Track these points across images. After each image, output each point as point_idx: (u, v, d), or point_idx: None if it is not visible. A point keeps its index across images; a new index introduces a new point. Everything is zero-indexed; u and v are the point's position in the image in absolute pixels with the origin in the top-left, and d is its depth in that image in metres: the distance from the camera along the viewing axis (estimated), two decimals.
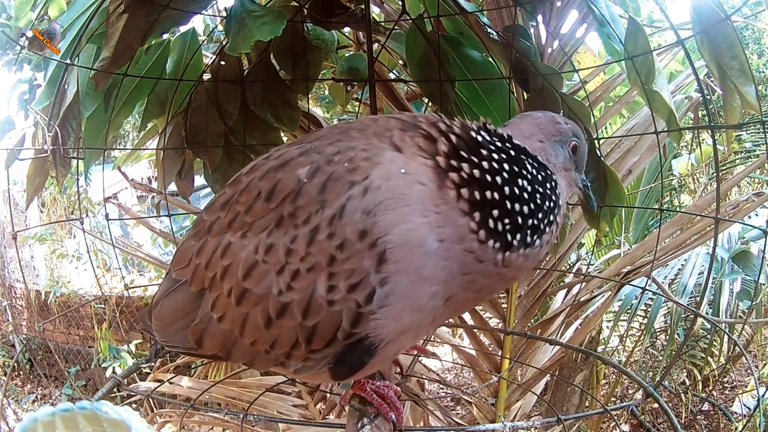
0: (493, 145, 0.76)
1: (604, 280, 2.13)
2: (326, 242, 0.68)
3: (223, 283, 0.77)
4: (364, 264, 0.67)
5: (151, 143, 2.17)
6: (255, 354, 0.79)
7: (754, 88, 1.06)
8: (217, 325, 0.79)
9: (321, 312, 0.70)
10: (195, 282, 0.82)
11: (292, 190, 0.72)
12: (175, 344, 0.89)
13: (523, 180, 0.75)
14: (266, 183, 0.75)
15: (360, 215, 0.67)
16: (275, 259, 0.72)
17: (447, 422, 2.01)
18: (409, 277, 0.69)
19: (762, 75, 5.98)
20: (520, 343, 2.10)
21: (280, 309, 0.72)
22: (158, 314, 0.91)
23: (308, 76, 1.60)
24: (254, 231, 0.74)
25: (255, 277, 0.73)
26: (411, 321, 0.72)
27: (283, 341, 0.74)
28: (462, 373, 5.05)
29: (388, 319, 0.70)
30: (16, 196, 5.27)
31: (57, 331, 5.76)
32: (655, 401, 1.18)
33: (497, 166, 0.74)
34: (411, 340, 0.78)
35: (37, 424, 0.71)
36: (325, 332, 0.71)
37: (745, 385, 4.37)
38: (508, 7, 1.61)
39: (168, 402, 1.94)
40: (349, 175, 0.69)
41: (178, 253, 0.89)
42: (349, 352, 0.73)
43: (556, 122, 0.87)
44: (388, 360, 0.79)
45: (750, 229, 2.82)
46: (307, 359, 0.76)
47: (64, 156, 1.30)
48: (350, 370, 0.76)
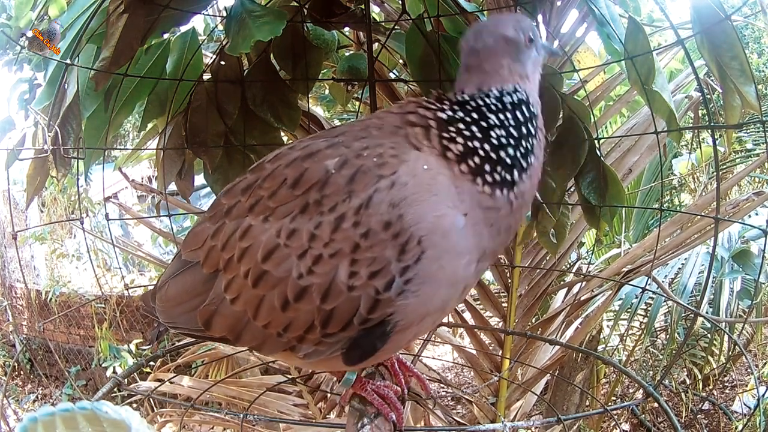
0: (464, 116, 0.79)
1: (604, 279, 2.13)
2: (351, 230, 0.71)
3: (240, 264, 0.78)
4: (387, 253, 0.71)
5: (151, 143, 2.16)
6: (266, 337, 0.80)
7: (754, 87, 1.06)
8: (229, 306, 0.81)
9: (341, 297, 0.72)
10: (208, 263, 0.84)
11: (320, 180, 0.75)
12: (181, 326, 0.90)
13: (494, 130, 0.77)
14: (293, 171, 0.78)
15: (386, 207, 0.71)
16: (298, 243, 0.74)
17: (447, 422, 2.01)
18: (441, 259, 0.72)
19: (762, 75, 5.98)
20: (521, 343, 2.10)
21: (299, 292, 0.74)
22: (164, 295, 0.91)
23: (308, 76, 1.60)
24: (277, 216, 0.77)
25: (275, 260, 0.75)
26: (442, 298, 0.76)
27: (299, 324, 0.76)
28: (462, 373, 5.05)
29: (413, 303, 0.73)
30: (16, 196, 5.27)
31: (57, 331, 5.76)
32: (656, 401, 1.18)
33: (475, 130, 0.77)
34: (432, 322, 0.80)
35: (37, 424, 0.71)
36: (342, 316, 0.73)
37: (745, 385, 4.37)
38: (508, 7, 1.61)
39: (168, 402, 1.95)
40: (378, 169, 0.73)
41: (191, 235, 0.90)
42: (363, 337, 0.75)
43: (505, 33, 0.82)
44: (399, 347, 0.81)
45: (750, 229, 2.81)
46: (320, 343, 0.77)
47: (64, 156, 1.30)
48: (362, 355, 0.77)
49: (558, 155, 1.43)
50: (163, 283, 0.93)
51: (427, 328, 0.82)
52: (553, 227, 1.55)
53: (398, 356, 1.03)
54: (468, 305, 2.18)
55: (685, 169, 3.95)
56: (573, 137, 1.39)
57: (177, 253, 0.95)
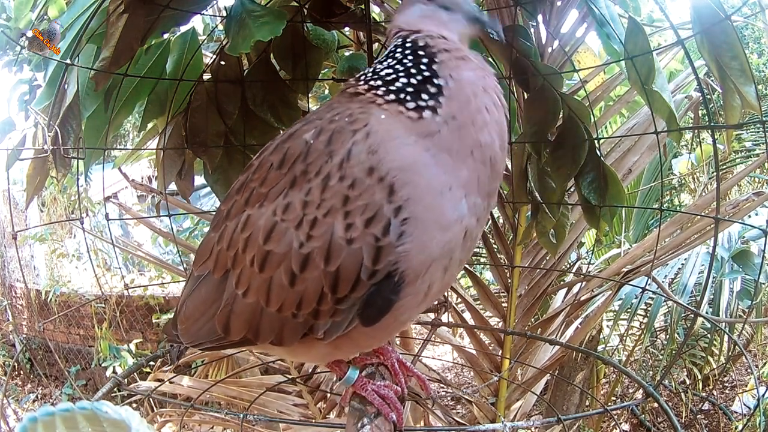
0: (374, 69, 0.84)
1: (604, 279, 2.13)
2: (338, 185, 0.73)
3: (246, 254, 0.79)
4: (376, 197, 0.71)
5: (151, 143, 2.16)
6: (283, 323, 0.80)
7: (754, 87, 1.06)
8: (242, 301, 0.81)
9: (342, 253, 0.73)
10: (218, 268, 0.85)
11: (301, 152, 0.77)
12: (203, 340, 0.90)
13: (391, 68, 0.82)
14: (276, 155, 0.80)
15: (366, 155, 0.73)
16: (293, 215, 0.75)
17: (447, 422, 2.01)
18: (424, 199, 0.73)
19: (762, 75, 5.98)
20: (521, 343, 2.10)
21: (302, 261, 0.75)
22: (183, 316, 0.92)
23: (308, 76, 1.60)
24: (270, 198, 0.78)
25: (275, 237, 0.76)
26: (440, 245, 0.74)
27: (309, 296, 0.76)
28: (462, 373, 5.05)
29: (414, 248, 0.72)
30: (16, 196, 5.27)
31: (57, 331, 5.76)
32: (655, 401, 1.18)
33: (383, 74, 0.82)
34: (442, 272, 0.78)
35: (37, 424, 0.71)
36: (348, 274, 0.73)
37: (745, 385, 4.37)
38: (508, 7, 1.61)
39: (168, 402, 1.95)
40: (351, 125, 0.76)
41: (199, 251, 0.91)
42: (375, 293, 0.74)
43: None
44: (419, 302, 0.79)
45: (750, 229, 2.81)
46: (336, 313, 0.76)
47: (64, 156, 1.30)
48: (379, 312, 0.76)
49: (558, 155, 1.43)
50: (181, 305, 0.94)
51: (441, 280, 0.79)
52: (552, 227, 1.55)
53: (398, 356, 1.03)
54: (468, 305, 2.18)
55: (685, 169, 3.95)
56: (573, 137, 1.39)
57: (189, 275, 0.96)
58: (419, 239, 0.73)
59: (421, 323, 2.04)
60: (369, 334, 0.81)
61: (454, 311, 2.19)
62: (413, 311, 0.81)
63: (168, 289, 5.24)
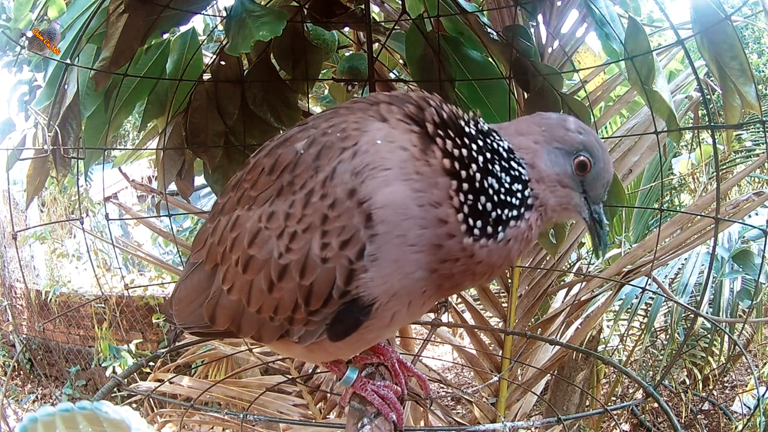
0: (477, 136, 0.77)
1: (604, 279, 2.13)
2: (319, 203, 0.72)
3: (232, 254, 0.81)
4: (354, 221, 0.71)
5: (151, 143, 2.16)
6: (261, 323, 0.82)
7: (754, 87, 1.06)
8: (227, 296, 0.83)
9: (316, 270, 0.73)
10: (209, 260, 0.87)
11: (291, 161, 0.77)
12: (192, 325, 0.93)
13: (493, 176, 0.75)
14: (269, 159, 0.80)
15: (349, 176, 0.71)
16: (276, 224, 0.76)
17: (447, 422, 2.01)
18: (394, 239, 0.71)
19: (762, 75, 5.99)
20: (521, 343, 2.10)
21: (280, 271, 0.76)
22: (177, 298, 0.95)
23: (308, 76, 1.60)
24: (258, 203, 0.79)
25: (258, 243, 0.77)
26: (400, 285, 0.74)
27: (285, 304, 0.77)
28: (462, 373, 5.05)
29: (377, 278, 0.72)
30: (16, 196, 5.27)
31: (57, 331, 5.76)
32: (655, 401, 1.18)
33: (476, 154, 0.75)
34: (405, 306, 0.78)
35: (37, 424, 0.71)
36: (321, 290, 0.74)
37: (745, 385, 4.37)
38: (508, 7, 1.61)
39: (168, 402, 1.95)
40: (341, 142, 0.74)
41: (195, 239, 0.94)
42: (345, 311, 0.75)
43: (566, 128, 0.80)
44: (384, 325, 0.79)
45: (750, 229, 2.81)
46: (308, 323, 0.78)
47: (64, 156, 1.30)
48: (346, 330, 0.77)
49: None
50: (176, 287, 0.97)
51: (406, 312, 0.79)
52: (552, 227, 1.55)
53: (398, 356, 1.03)
54: (468, 305, 2.18)
55: (685, 169, 3.95)
56: None
57: (188, 259, 0.99)
58: (383, 272, 0.72)
59: (421, 323, 2.04)
60: (338, 346, 0.83)
61: (454, 311, 2.20)
62: (379, 333, 0.82)
63: (168, 290, 5.24)
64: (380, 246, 0.71)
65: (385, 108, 0.79)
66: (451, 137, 0.75)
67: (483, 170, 0.75)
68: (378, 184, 0.71)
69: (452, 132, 0.76)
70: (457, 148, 0.74)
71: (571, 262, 2.97)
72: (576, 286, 2.30)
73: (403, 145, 0.74)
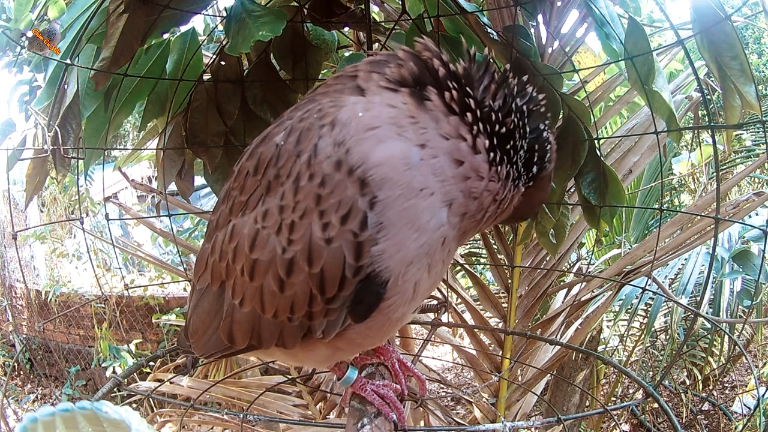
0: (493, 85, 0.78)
1: (604, 280, 2.13)
2: (309, 184, 0.70)
3: (236, 264, 0.79)
4: (348, 192, 0.68)
5: (151, 143, 2.16)
6: (281, 327, 0.79)
7: (754, 88, 1.06)
8: (240, 310, 0.81)
9: (323, 253, 0.71)
10: (215, 279, 0.84)
11: (273, 155, 0.76)
12: (214, 351, 0.90)
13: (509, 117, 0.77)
14: (251, 161, 0.79)
15: (332, 149, 0.70)
16: (272, 221, 0.74)
17: (447, 422, 2.01)
18: (399, 197, 0.69)
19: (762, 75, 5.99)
20: (521, 343, 2.10)
21: (288, 266, 0.73)
22: (192, 330, 0.92)
23: (308, 76, 1.60)
24: (250, 206, 0.77)
25: (259, 245, 0.75)
26: (416, 246, 0.72)
27: (300, 300, 0.75)
28: (462, 373, 5.05)
29: (389, 247, 0.70)
30: (16, 196, 5.27)
31: (57, 331, 5.76)
32: (656, 401, 1.18)
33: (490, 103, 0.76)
34: (425, 270, 0.76)
35: (37, 424, 0.71)
36: (333, 273, 0.71)
37: (745, 385, 4.37)
38: (508, 7, 1.61)
39: (168, 402, 1.94)
40: (319, 121, 0.73)
41: (196, 264, 0.91)
42: (363, 290, 0.73)
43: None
44: (408, 299, 0.76)
45: (750, 229, 2.81)
46: (328, 312, 0.75)
47: (64, 156, 1.30)
48: (369, 307, 0.75)
49: (558, 155, 1.42)
50: (188, 320, 0.94)
51: (428, 279, 0.77)
52: (552, 227, 1.55)
53: (398, 356, 1.03)
54: (468, 305, 2.18)
55: (685, 169, 3.94)
56: (573, 137, 1.39)
57: (192, 288, 0.96)
58: (394, 239, 0.70)
59: (421, 323, 2.04)
60: (365, 333, 0.80)
61: (454, 311, 2.19)
62: (405, 309, 0.80)
63: (168, 290, 5.24)
64: (383, 211, 0.69)
65: (363, 77, 0.77)
66: (450, 87, 0.74)
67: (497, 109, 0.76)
68: (368, 147, 0.69)
69: (453, 83, 0.74)
70: (459, 93, 0.74)
71: (571, 262, 2.97)
72: (576, 287, 2.29)
73: (390, 103, 0.72)
